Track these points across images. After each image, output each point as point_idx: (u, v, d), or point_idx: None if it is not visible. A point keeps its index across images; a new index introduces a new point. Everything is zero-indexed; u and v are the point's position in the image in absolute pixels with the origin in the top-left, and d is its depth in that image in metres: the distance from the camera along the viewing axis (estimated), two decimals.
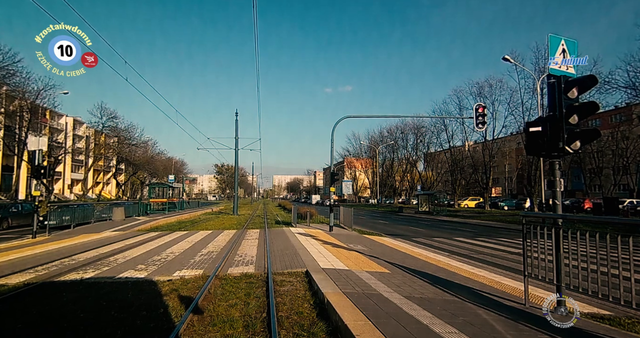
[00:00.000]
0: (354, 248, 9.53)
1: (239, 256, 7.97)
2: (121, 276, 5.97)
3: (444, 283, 5.49)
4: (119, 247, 9.58)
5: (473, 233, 16.29)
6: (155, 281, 5.58)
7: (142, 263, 7.08)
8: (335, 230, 14.18)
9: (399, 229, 18.06)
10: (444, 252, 9.94)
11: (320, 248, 9.00)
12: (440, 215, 30.15)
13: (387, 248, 10.06)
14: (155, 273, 6.19)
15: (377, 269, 6.53)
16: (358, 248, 9.57)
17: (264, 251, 8.50)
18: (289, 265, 6.85)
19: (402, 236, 14.34)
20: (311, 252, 8.30)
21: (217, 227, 15.74)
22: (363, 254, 8.36)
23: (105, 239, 11.63)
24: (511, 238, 13.51)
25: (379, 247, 10.21)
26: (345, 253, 8.35)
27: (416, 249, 10.13)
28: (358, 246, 9.96)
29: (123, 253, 8.47)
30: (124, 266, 6.86)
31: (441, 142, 44.25)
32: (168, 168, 68.10)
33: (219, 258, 7.65)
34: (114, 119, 38.11)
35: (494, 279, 6.10)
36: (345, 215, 16.11)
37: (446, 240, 13.08)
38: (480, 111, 14.98)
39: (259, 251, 8.72)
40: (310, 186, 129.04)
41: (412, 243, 11.85)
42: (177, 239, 11.24)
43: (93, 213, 16.74)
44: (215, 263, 7.01)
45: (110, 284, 5.44)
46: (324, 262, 7.02)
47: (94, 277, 5.98)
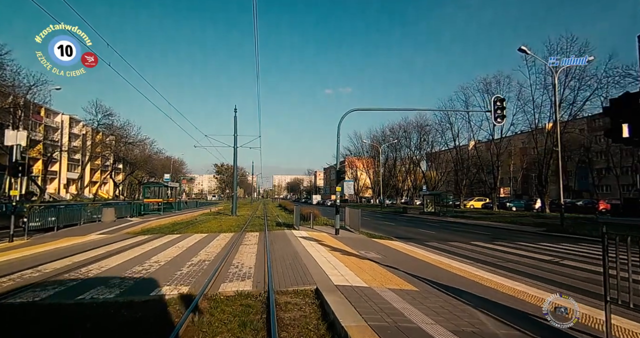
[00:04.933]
0: (367, 255, 8.37)
1: (234, 267, 6.81)
2: (86, 296, 4.79)
3: (489, 306, 4.32)
4: (98, 254, 8.41)
5: (488, 236, 15.15)
6: (126, 303, 4.41)
7: (118, 277, 5.91)
8: (342, 234, 13.02)
9: (408, 232, 16.90)
10: (466, 260, 8.80)
11: (328, 256, 7.84)
12: (446, 216, 29.01)
13: (402, 255, 8.90)
14: (130, 292, 5.02)
15: (401, 285, 5.37)
16: (371, 255, 8.42)
17: (264, 260, 7.34)
18: (294, 279, 5.69)
19: (414, 240, 13.19)
20: (319, 262, 7.14)
21: (213, 229, 14.57)
22: (379, 264, 7.21)
23: (87, 244, 10.47)
24: (531, 242, 12.36)
25: (394, 253, 9.05)
26: (359, 263, 7.20)
27: (434, 256, 8.97)
28: (371, 253, 8.80)
29: (100, 262, 7.29)
30: (94, 281, 5.69)
31: (446, 141, 43.05)
32: (166, 167, 66.91)
33: (210, 269, 6.49)
34: (109, 116, 36.87)
35: (544, 299, 4.93)
36: (352, 216, 14.95)
37: (462, 245, 11.93)
38: (499, 104, 13.82)
39: (258, 259, 7.56)
40: (310, 186, 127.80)
41: (428, 249, 10.71)
42: (167, 244, 10.07)
43: (81, 214, 15.57)
44: (205, 277, 5.85)
45: (67, 308, 4.27)
46: (336, 275, 5.86)
47: (52, 297, 4.81)
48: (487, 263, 8.43)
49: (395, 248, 10.07)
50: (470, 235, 15.58)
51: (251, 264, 7.05)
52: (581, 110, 27.68)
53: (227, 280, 5.71)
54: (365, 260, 7.69)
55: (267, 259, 7.20)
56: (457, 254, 9.78)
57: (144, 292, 4.95)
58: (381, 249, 9.71)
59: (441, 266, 7.39)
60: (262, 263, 7.06)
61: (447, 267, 7.33)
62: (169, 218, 20.75)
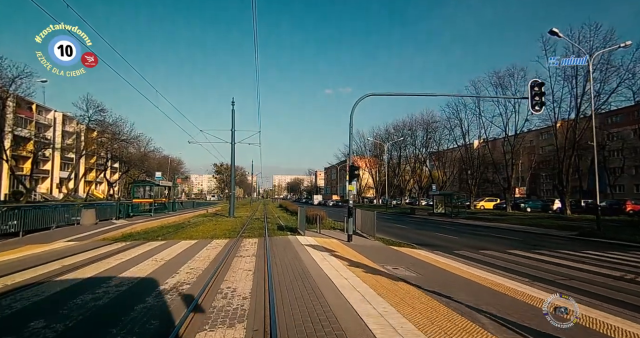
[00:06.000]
0: (397, 273, 6.44)
1: (222, 296, 4.85)
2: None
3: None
4: (48, 272, 6.46)
5: (518, 242, 13.25)
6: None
7: (41, 317, 3.97)
8: (355, 240, 11.10)
9: (426, 236, 14.96)
10: (516, 276, 6.95)
11: (350, 277, 5.90)
12: (458, 217, 27.11)
13: (441, 272, 6.97)
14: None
15: (478, 335, 3.44)
16: (402, 273, 6.49)
17: (264, 284, 5.39)
18: (311, 322, 3.76)
19: (439, 247, 11.27)
20: (339, 286, 5.21)
21: (205, 234, 12.62)
22: (421, 289, 5.27)
23: (48, 254, 8.53)
24: (575, 250, 10.53)
25: (429, 269, 7.11)
26: (393, 288, 5.26)
27: (479, 272, 7.05)
28: (400, 269, 6.87)
29: (39, 287, 5.35)
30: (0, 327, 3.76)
31: (455, 138, 40.98)
32: (163, 166, 64.94)
33: (189, 300, 4.56)
34: (101, 112, 34.76)
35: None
36: (365, 219, 13.00)
37: (498, 254, 10.03)
38: (538, 89, 11.86)
39: (255, 283, 5.61)
40: (310, 186, 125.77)
41: (462, 260, 8.80)
42: (143, 256, 8.12)
43: (54, 217, 13.60)
44: (178, 314, 3.93)
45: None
46: (372, 316, 3.92)
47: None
48: (546, 281, 6.57)
49: (426, 261, 8.14)
50: (497, 240, 13.66)
51: (246, 291, 5.11)
52: (606, 104, 25.67)
53: (210, 324, 3.76)
54: (399, 281, 5.76)
55: (268, 285, 5.25)
56: (502, 268, 7.88)
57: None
58: (410, 262, 7.78)
59: (499, 289, 5.46)
60: (262, 289, 5.12)
61: (505, 289, 5.43)
62: (159, 220, 18.80)
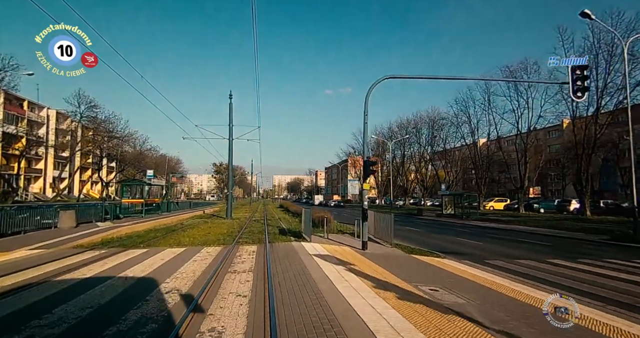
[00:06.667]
0: (440, 299, 4.84)
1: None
2: None
3: None
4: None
5: (551, 248, 11.73)
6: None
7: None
8: (371, 247, 9.50)
9: (445, 241, 13.37)
10: (588, 298, 5.32)
11: (382, 308, 4.29)
12: (470, 219, 25.51)
13: (491, 293, 5.36)
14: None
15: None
16: (446, 298, 4.89)
17: (264, 323, 3.78)
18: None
19: (465, 255, 9.72)
20: (373, 329, 3.60)
21: (196, 240, 10.99)
22: (485, 328, 3.67)
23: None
24: (624, 259, 8.99)
25: (475, 290, 5.49)
26: (449, 329, 3.66)
27: (539, 294, 5.45)
28: (440, 291, 5.27)
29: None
30: None
31: (463, 135, 39.33)
32: (161, 165, 63.31)
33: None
34: (93, 108, 33.21)
35: None
36: (379, 223, 11.38)
37: (537, 264, 8.49)
38: (579, 73, 10.26)
39: (252, 319, 3.99)
40: (311, 186, 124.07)
41: (503, 274, 7.25)
42: (113, 270, 6.50)
43: (27, 219, 12.01)
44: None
45: None
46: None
47: None
48: (623, 304, 4.99)
49: (464, 277, 6.53)
50: (526, 246, 12.10)
51: (239, 332, 3.49)
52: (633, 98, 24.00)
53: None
54: (451, 315, 4.15)
55: (270, 325, 3.62)
56: (558, 285, 6.30)
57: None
58: (446, 280, 6.17)
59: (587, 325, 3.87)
60: (260, 332, 3.51)
61: (595, 325, 3.83)
62: (150, 222, 17.19)
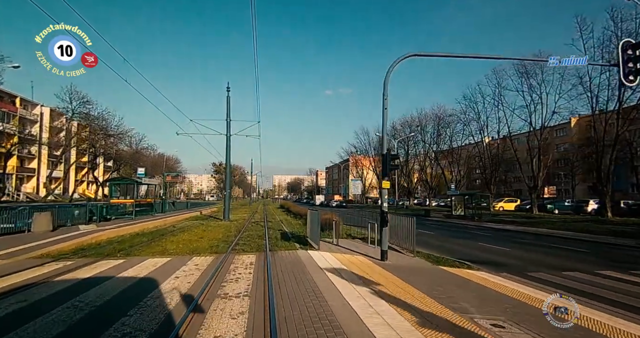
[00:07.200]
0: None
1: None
2: None
3: None
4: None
5: (588, 255, 10.36)
6: None
7: None
8: (391, 257, 7.99)
9: (468, 247, 11.88)
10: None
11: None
12: (482, 220, 24.05)
13: (575, 329, 3.87)
14: None
15: None
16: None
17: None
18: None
19: (499, 266, 8.26)
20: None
21: (185, 247, 9.47)
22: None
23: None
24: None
25: (554, 328, 4.00)
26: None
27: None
28: (507, 326, 3.77)
29: None
30: None
31: (472, 133, 37.80)
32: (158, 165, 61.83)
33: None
34: (86, 104, 31.76)
35: None
36: (396, 227, 9.84)
37: (588, 277, 7.08)
38: (631, 52, 8.77)
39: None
40: (311, 186, 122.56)
41: (565, 293, 5.69)
42: (69, 291, 5.01)
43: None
44: None
45: None
46: None
47: None
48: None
49: (524, 301, 5.02)
50: (560, 253, 10.66)
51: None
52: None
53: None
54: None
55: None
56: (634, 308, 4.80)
57: None
58: (501, 304, 4.69)
59: None
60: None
61: None
62: (139, 225, 15.68)
